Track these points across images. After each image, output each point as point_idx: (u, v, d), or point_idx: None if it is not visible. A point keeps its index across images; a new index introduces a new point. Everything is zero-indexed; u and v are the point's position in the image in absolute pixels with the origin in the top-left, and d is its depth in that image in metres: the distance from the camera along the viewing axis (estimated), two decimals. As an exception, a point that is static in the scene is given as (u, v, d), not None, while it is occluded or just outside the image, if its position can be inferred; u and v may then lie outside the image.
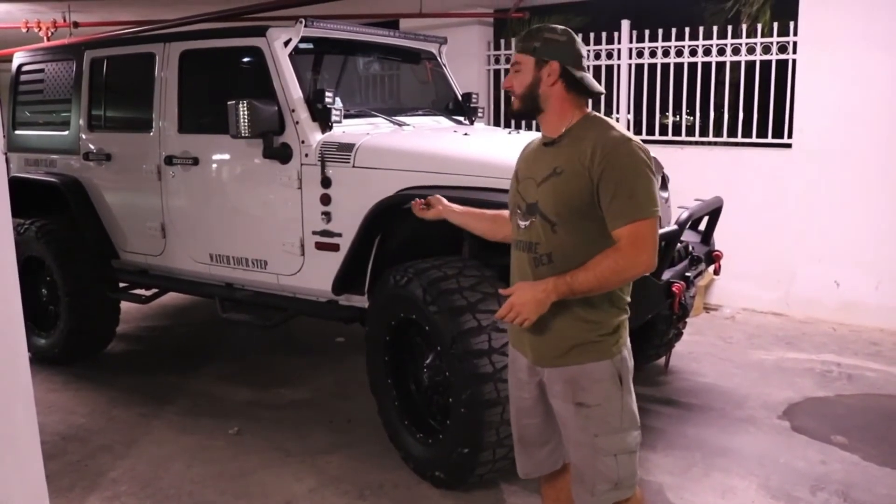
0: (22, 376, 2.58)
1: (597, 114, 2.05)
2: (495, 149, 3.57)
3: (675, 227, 3.30)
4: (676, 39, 6.04)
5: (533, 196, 2.03)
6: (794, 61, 5.61)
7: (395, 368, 3.38)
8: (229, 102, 3.55)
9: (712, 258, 3.80)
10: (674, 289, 3.21)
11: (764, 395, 4.21)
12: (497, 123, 7.01)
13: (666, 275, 3.25)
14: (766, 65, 5.77)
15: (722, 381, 4.46)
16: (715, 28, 5.93)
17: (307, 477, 3.33)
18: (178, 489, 3.25)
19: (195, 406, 4.17)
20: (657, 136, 6.26)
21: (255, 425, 3.89)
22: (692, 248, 3.70)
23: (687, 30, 5.99)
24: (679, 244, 3.49)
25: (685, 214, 3.41)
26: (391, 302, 3.28)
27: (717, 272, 3.84)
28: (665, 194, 3.95)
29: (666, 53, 6.12)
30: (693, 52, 6.00)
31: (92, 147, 4.63)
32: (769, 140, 5.84)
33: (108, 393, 4.36)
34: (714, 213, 3.91)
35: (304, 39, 3.83)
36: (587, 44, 6.39)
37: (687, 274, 3.47)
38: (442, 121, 4.49)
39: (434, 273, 3.12)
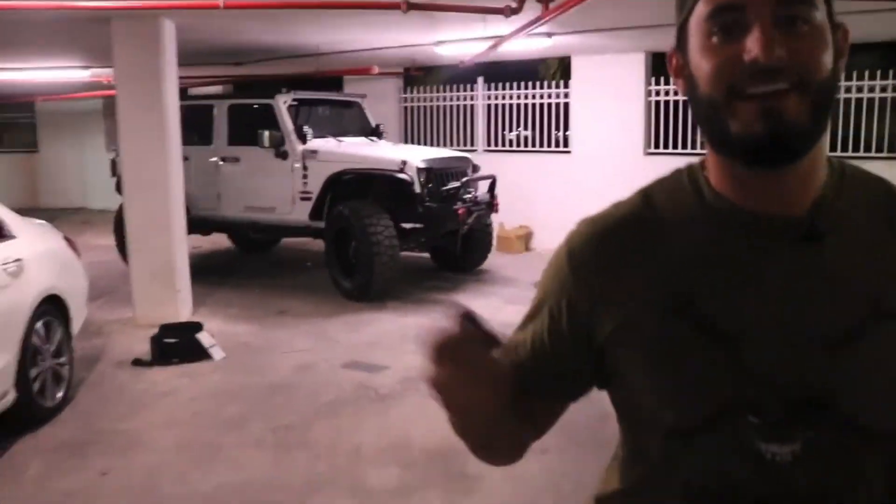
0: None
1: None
2: (388, 152, 7.68)
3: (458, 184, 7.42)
4: (512, 88, 10.24)
5: (817, 377, 0.83)
6: (567, 104, 9.85)
7: (337, 251, 7.39)
8: (259, 130, 7.60)
9: (492, 203, 7.93)
10: (459, 212, 7.30)
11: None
12: (407, 142, 11.07)
13: (457, 206, 7.36)
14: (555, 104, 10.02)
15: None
16: (543, 81, 10.16)
17: (295, 300, 7.33)
18: (250, 303, 7.23)
19: (238, 286, 8.12)
20: (499, 147, 10.46)
21: (271, 291, 7.87)
22: (478, 196, 7.83)
23: (519, 83, 10.18)
24: (471, 194, 7.63)
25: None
26: (335, 221, 7.32)
27: (496, 210, 7.96)
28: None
29: (504, 97, 10.32)
30: (523, 97, 10.21)
31: (174, 153, 8.57)
32: (559, 149, 10.06)
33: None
34: (492, 182, 8.02)
35: (293, 99, 7.89)
36: (454, 93, 10.64)
37: (472, 208, 7.57)
38: (362, 139, 8.57)
39: (355, 206, 7.16)
